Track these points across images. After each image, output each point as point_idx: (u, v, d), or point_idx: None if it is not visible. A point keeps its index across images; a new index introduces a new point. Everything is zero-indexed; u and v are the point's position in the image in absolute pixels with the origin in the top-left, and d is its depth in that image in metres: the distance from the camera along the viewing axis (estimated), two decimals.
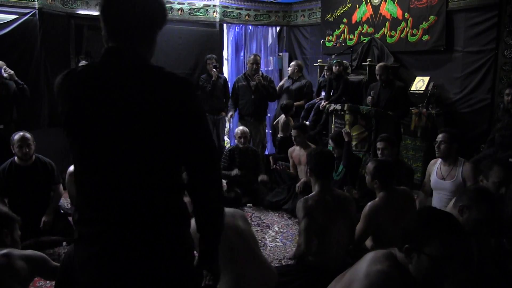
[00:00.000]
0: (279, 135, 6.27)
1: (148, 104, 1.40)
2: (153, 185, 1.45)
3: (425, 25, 5.87)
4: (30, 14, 5.81)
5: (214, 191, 1.55)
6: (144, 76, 1.45)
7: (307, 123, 6.16)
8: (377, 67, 5.53)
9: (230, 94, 6.67)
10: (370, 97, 5.52)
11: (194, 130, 1.48)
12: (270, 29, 8.48)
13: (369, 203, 3.08)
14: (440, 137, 3.80)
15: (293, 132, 5.28)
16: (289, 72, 6.94)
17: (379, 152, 4.23)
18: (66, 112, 1.47)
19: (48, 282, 3.28)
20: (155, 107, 1.40)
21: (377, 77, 5.48)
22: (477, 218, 2.17)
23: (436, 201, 3.84)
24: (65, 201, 4.99)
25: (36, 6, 5.83)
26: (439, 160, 3.91)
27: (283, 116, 6.26)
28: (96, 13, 6.44)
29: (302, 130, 5.31)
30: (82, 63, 5.76)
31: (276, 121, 6.59)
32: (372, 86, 5.67)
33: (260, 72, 6.48)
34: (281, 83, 7.11)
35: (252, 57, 6.51)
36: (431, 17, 5.79)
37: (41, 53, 5.93)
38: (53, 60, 6.07)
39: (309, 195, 2.97)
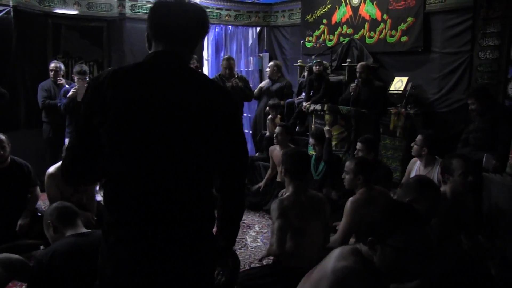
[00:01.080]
0: (267, 134, 6.20)
1: (199, 108, 1.48)
2: (197, 186, 1.52)
3: (403, 26, 5.95)
4: (4, 12, 5.65)
5: (243, 193, 1.71)
6: (195, 81, 1.54)
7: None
8: (358, 66, 5.60)
9: None
10: (353, 85, 5.58)
11: (235, 135, 1.60)
12: (250, 29, 8.47)
13: (350, 199, 3.08)
14: (418, 138, 3.89)
15: (277, 129, 5.26)
16: (268, 73, 6.92)
17: (356, 153, 4.26)
18: (116, 110, 1.43)
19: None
20: (205, 112, 1.49)
21: (357, 75, 5.53)
22: (427, 205, 2.21)
23: None
24: (42, 204, 4.90)
25: (11, 3, 5.67)
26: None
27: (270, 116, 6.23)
28: (75, 12, 6.35)
29: (287, 129, 5.30)
30: (55, 62, 5.67)
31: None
32: (352, 89, 5.73)
33: (236, 73, 6.42)
34: (261, 85, 7.07)
35: (224, 61, 6.31)
36: (409, 19, 5.87)
37: (17, 52, 5.81)
38: (30, 60, 5.96)
39: (284, 196, 2.94)
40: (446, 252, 2.50)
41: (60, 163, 2.01)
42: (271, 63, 6.96)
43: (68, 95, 5.27)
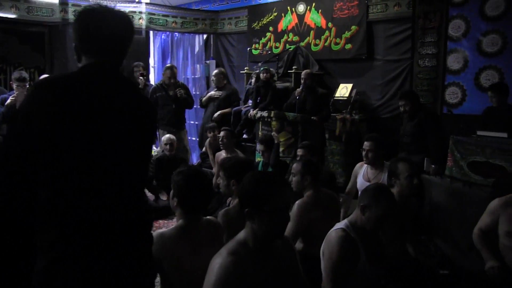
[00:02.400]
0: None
1: (139, 120, 1.54)
2: (140, 193, 1.61)
3: (347, 34, 6.09)
4: None
5: None
6: (134, 94, 1.59)
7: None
8: (302, 73, 5.64)
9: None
10: (298, 90, 5.63)
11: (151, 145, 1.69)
12: (197, 36, 8.39)
13: (297, 202, 2.99)
14: (367, 145, 3.85)
15: (222, 133, 5.19)
16: (214, 81, 6.79)
17: (297, 159, 4.23)
18: (57, 125, 1.36)
19: None
20: (143, 123, 1.56)
21: (302, 81, 5.57)
22: (378, 214, 2.23)
23: None
24: None
25: None
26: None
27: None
28: (12, 15, 6.04)
29: (231, 133, 5.24)
30: None
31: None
32: (297, 93, 5.76)
33: (177, 81, 6.29)
34: (211, 93, 6.87)
35: (168, 71, 6.15)
36: (353, 27, 6.03)
37: None
38: None
39: (230, 206, 2.82)
40: (392, 255, 2.52)
41: None
42: (216, 71, 6.81)
43: (6, 103, 5.00)
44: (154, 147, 7.33)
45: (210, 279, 1.61)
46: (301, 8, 6.67)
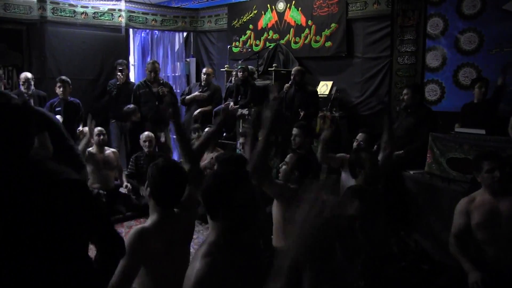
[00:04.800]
0: None
1: None
2: None
3: (327, 32, 6.10)
4: None
5: None
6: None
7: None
8: (293, 70, 5.64)
9: (132, 100, 6.38)
10: (287, 85, 5.63)
11: None
12: (177, 34, 8.32)
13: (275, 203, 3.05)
14: (361, 136, 3.94)
15: (205, 131, 5.15)
16: (204, 81, 6.67)
17: (292, 138, 4.24)
18: None
19: None
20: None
21: (292, 78, 5.56)
22: (351, 215, 2.24)
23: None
24: None
25: None
26: None
27: None
28: None
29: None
30: None
31: None
32: (286, 88, 5.74)
33: (160, 78, 6.38)
34: (195, 94, 6.77)
35: (150, 65, 6.31)
36: (333, 25, 6.03)
37: None
38: None
39: None
40: (371, 251, 2.53)
41: None
42: (206, 70, 6.74)
43: None
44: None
45: (188, 283, 1.59)
46: (281, 5, 6.65)
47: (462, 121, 4.53)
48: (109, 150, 5.34)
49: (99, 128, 5.22)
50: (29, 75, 5.54)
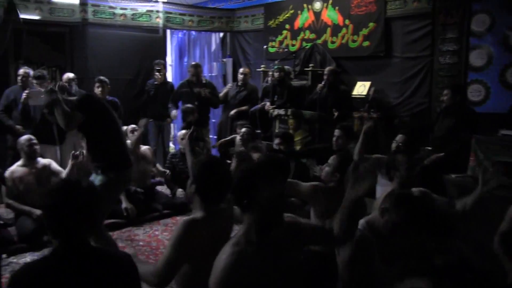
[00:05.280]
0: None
1: None
2: None
3: (365, 31, 5.98)
4: None
5: None
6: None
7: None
8: (326, 70, 5.59)
9: (172, 97, 6.49)
10: (320, 85, 5.58)
11: None
12: (213, 35, 8.39)
13: None
14: (401, 138, 3.85)
15: (244, 129, 5.15)
16: (241, 81, 6.72)
17: (334, 139, 4.20)
18: None
19: None
20: None
21: (324, 77, 5.50)
22: (395, 221, 2.17)
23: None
24: (4, 211, 4.68)
25: None
26: None
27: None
28: (36, 17, 6.16)
29: (253, 134, 5.20)
30: (24, 69, 5.44)
31: None
32: (319, 88, 5.68)
33: (203, 79, 6.48)
34: (230, 94, 6.82)
35: (192, 69, 6.42)
36: (371, 24, 5.92)
37: None
38: None
39: None
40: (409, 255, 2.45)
41: None
42: (242, 70, 6.79)
43: (21, 100, 5.16)
44: (171, 144, 7.36)
45: (215, 270, 1.64)
46: (317, 5, 6.58)
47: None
48: (144, 147, 5.41)
49: (133, 125, 5.31)
50: (71, 75, 5.71)
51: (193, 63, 6.73)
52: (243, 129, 5.18)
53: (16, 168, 4.32)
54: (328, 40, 6.47)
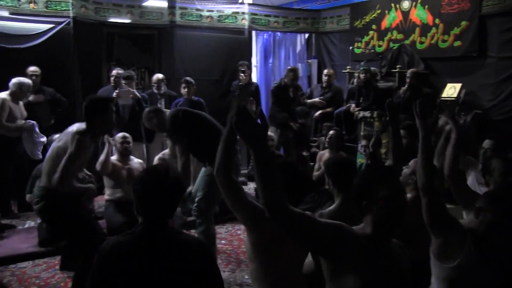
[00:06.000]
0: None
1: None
2: None
3: (456, 30, 5.78)
4: (65, 23, 5.93)
5: None
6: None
7: None
8: (408, 72, 5.50)
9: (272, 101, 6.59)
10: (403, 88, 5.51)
11: None
12: (298, 36, 8.48)
13: None
14: (488, 143, 3.73)
15: (331, 132, 5.19)
16: (325, 82, 6.74)
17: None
18: None
19: None
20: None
21: (407, 80, 5.42)
22: (491, 221, 2.14)
23: None
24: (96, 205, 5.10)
25: (71, 15, 5.95)
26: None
27: None
28: (127, 20, 6.55)
29: (340, 134, 5.24)
30: (117, 70, 5.82)
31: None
32: (402, 91, 5.60)
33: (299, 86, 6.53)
34: (315, 100, 6.78)
35: (291, 73, 6.32)
36: (463, 23, 5.71)
37: (74, 60, 6.05)
38: (86, 67, 6.19)
39: (330, 208, 2.76)
40: None
41: None
42: (327, 71, 6.81)
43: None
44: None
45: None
46: (406, 4, 6.45)
47: None
48: None
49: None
50: (160, 76, 6.06)
51: (290, 67, 6.68)
52: (331, 132, 5.21)
53: (112, 161, 4.63)
54: (416, 40, 6.33)
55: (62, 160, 2.94)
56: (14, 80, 4.86)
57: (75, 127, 3.13)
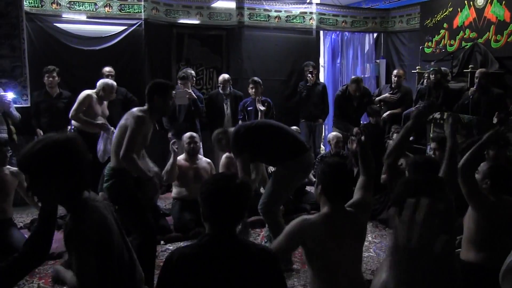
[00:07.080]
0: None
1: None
2: None
3: None
4: (137, 24, 6.30)
5: None
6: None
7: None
8: (477, 72, 5.35)
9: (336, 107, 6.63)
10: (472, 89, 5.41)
11: None
12: (367, 35, 8.42)
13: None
14: None
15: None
16: (395, 83, 6.65)
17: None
18: None
19: None
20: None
21: (476, 80, 5.27)
22: None
23: None
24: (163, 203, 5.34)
25: (143, 17, 6.31)
26: None
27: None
28: (197, 21, 6.83)
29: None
30: (185, 70, 6.06)
31: None
32: (471, 92, 5.45)
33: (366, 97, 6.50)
34: (385, 96, 6.77)
35: (354, 85, 6.37)
36: None
37: (145, 60, 6.38)
38: (156, 67, 6.52)
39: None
40: None
41: None
42: (396, 72, 6.72)
43: None
44: (321, 145, 7.63)
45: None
46: (480, 1, 6.23)
47: None
48: None
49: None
50: (226, 76, 6.25)
51: (354, 77, 6.66)
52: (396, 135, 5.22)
53: (180, 160, 4.81)
54: (491, 39, 6.10)
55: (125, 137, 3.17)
56: (100, 81, 5.20)
57: (137, 108, 3.38)
